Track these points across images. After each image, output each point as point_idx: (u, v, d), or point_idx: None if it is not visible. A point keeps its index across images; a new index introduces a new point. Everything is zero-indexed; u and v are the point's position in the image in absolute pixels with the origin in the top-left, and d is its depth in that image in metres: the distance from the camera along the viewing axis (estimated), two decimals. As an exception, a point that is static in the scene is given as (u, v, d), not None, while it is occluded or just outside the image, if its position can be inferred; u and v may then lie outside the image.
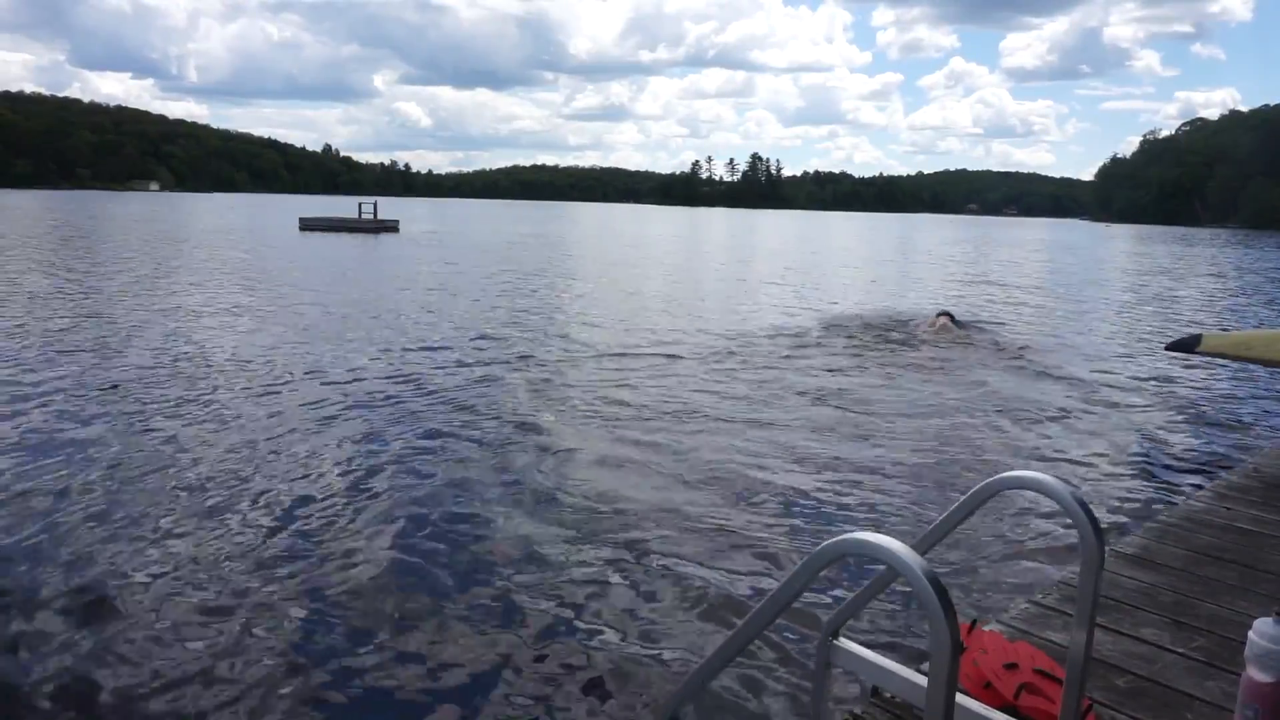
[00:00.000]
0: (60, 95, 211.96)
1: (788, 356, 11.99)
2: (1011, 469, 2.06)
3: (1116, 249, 57.00)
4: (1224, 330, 15.89)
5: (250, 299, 16.44)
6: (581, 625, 4.21)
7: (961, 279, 28.18)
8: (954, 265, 35.70)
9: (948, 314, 15.64)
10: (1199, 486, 6.03)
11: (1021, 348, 13.18)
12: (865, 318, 16.65)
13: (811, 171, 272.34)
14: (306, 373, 9.87)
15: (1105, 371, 11.60)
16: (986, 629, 3.10)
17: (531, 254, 33.84)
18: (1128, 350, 13.54)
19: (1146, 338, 14.96)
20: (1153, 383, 10.91)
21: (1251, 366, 10.33)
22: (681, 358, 11.63)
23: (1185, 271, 34.48)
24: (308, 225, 44.23)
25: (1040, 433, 8.17)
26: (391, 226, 45.37)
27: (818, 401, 9.14)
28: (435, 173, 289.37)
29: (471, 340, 12.48)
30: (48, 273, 19.97)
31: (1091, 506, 1.85)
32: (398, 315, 14.88)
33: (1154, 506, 5.99)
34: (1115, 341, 14.49)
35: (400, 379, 9.67)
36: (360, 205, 46.99)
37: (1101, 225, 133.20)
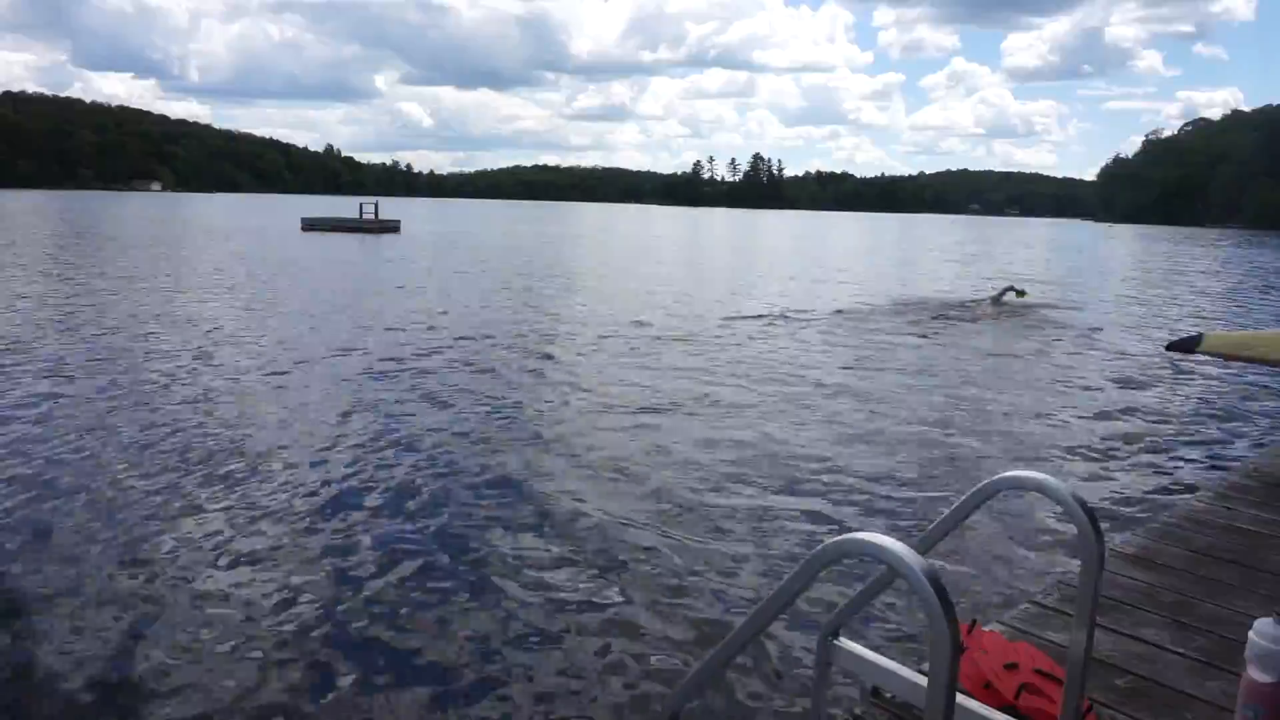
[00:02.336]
0: (62, 95, 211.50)
1: (808, 344, 12.03)
2: (1012, 469, 2.06)
3: (1119, 249, 56.98)
4: (1225, 330, 15.88)
5: (259, 297, 16.46)
6: (579, 626, 4.21)
7: (984, 276, 28.26)
8: (977, 263, 35.77)
9: (1013, 288, 18.68)
10: (1199, 486, 6.03)
11: (1026, 343, 13.21)
12: (897, 306, 16.79)
13: (813, 171, 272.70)
14: (316, 366, 9.89)
15: (1105, 371, 11.60)
16: (986, 629, 3.10)
17: (558, 253, 33.85)
18: (1128, 350, 13.53)
19: (1147, 337, 14.95)
20: (1153, 382, 10.91)
21: (1251, 366, 10.32)
22: (709, 347, 11.66)
23: (1187, 271, 34.47)
24: (310, 225, 44.52)
25: (1041, 432, 8.17)
26: (393, 227, 45.80)
27: (832, 396, 9.16)
28: (437, 173, 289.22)
29: (505, 333, 12.51)
30: (60, 271, 19.99)
31: (1091, 506, 1.85)
32: (414, 311, 14.90)
33: (1154, 506, 5.99)
34: (1115, 341, 14.48)
35: (416, 370, 9.70)
36: (361, 206, 47.23)
37: (1104, 225, 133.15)
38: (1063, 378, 11.03)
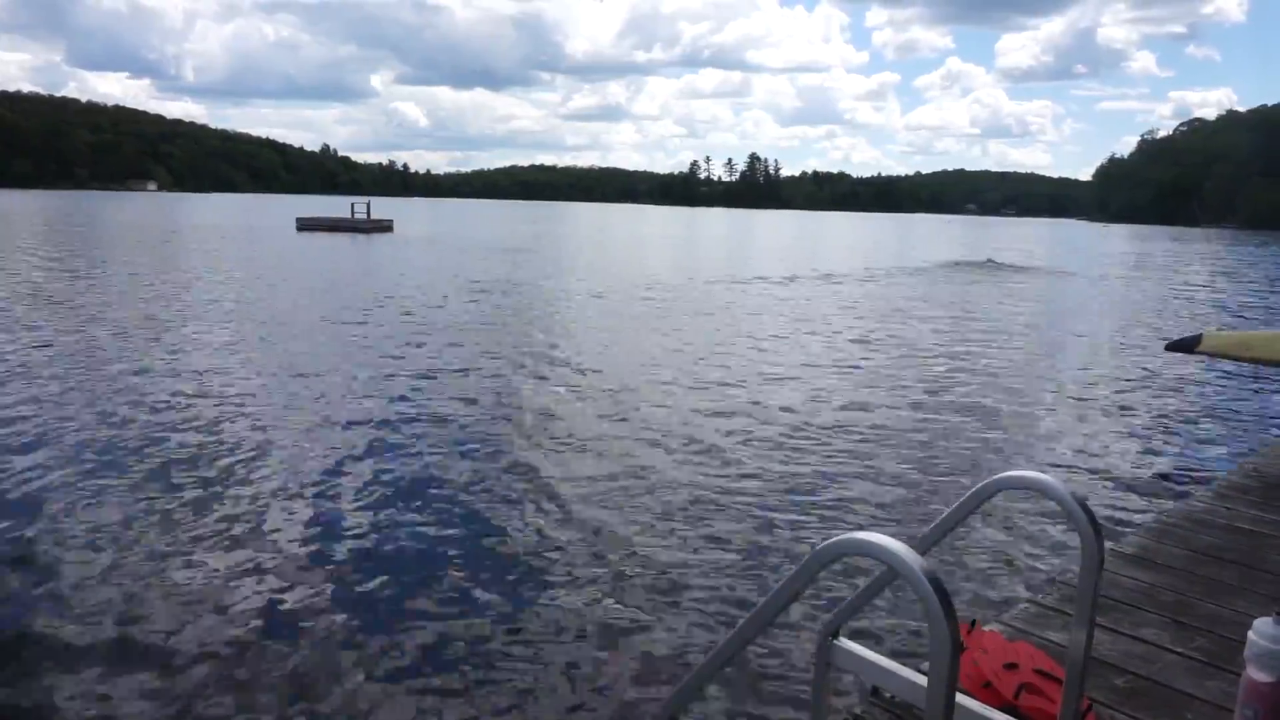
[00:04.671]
0: (58, 95, 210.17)
1: (807, 340, 12.03)
2: (1011, 469, 2.06)
3: (1117, 248, 56.95)
4: (1224, 330, 15.89)
5: (257, 294, 16.47)
6: (579, 626, 4.21)
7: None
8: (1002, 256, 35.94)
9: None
10: (1199, 486, 6.03)
11: (1025, 343, 13.22)
12: (896, 298, 16.80)
13: (810, 171, 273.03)
14: (310, 365, 9.89)
15: (1105, 371, 11.60)
16: (986, 629, 3.10)
17: (548, 251, 33.91)
18: (1128, 349, 13.54)
19: (1146, 337, 14.96)
20: (1153, 382, 10.92)
21: (1251, 366, 10.33)
22: (705, 342, 11.66)
23: (1186, 270, 34.49)
24: (305, 225, 45.16)
25: (1041, 432, 8.18)
26: (387, 226, 46.87)
27: (831, 396, 9.15)
28: (434, 173, 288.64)
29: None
30: (50, 271, 19.99)
31: (1091, 506, 1.85)
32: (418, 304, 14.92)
33: (1154, 506, 6.00)
34: (1115, 341, 14.50)
35: (404, 360, 9.70)
36: (353, 205, 48.37)
37: (1099, 225, 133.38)
38: (1063, 377, 11.04)
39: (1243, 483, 5.15)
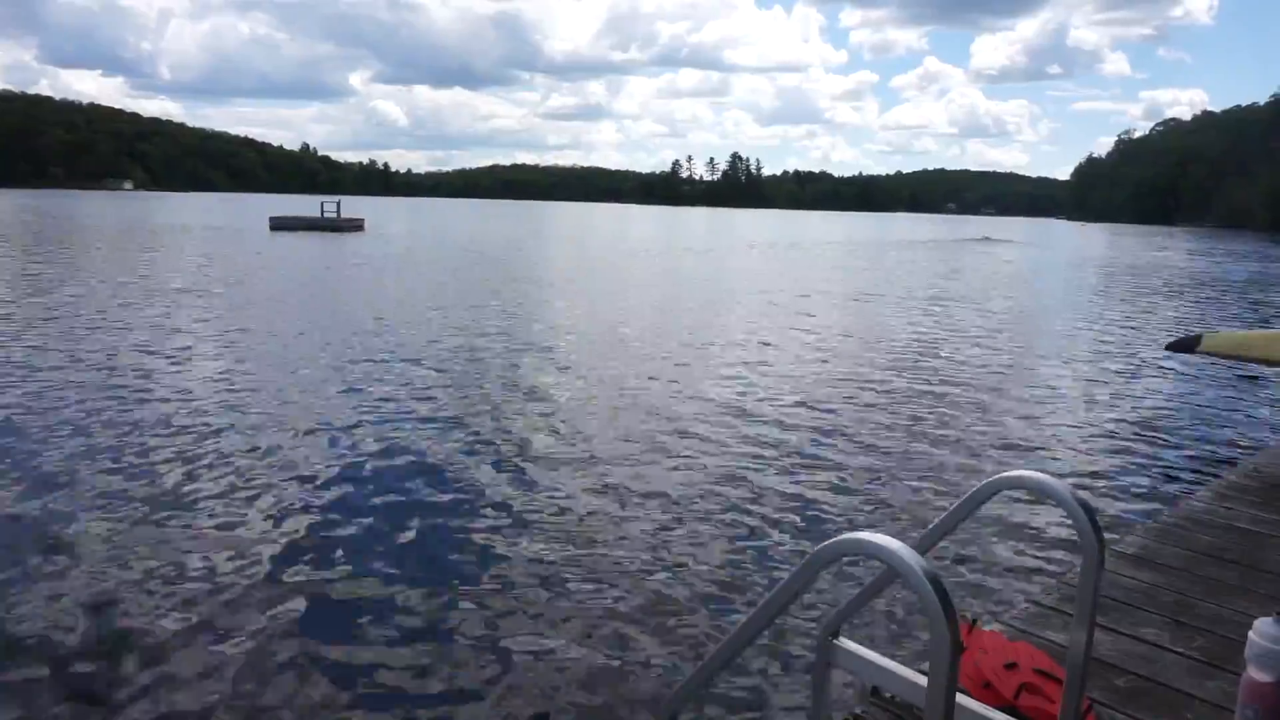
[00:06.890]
0: (30, 93, 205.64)
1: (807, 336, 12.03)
2: (1011, 469, 2.06)
3: (1106, 247, 56.97)
4: (1224, 330, 15.89)
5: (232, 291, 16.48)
6: (580, 627, 4.21)
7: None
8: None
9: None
10: (1199, 486, 6.03)
11: (1024, 342, 13.21)
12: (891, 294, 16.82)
13: (791, 171, 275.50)
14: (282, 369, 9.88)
15: (1105, 371, 11.60)
16: (986, 629, 3.10)
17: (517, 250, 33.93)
18: (1127, 350, 13.54)
19: (1146, 337, 14.96)
20: (1152, 383, 10.92)
21: (1251, 366, 10.33)
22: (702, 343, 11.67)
23: (1181, 271, 34.48)
24: (279, 225, 46.12)
25: (1040, 432, 8.17)
26: (358, 225, 48.22)
27: (830, 394, 9.15)
28: (414, 172, 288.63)
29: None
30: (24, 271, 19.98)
31: (1091, 506, 1.85)
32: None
33: (1154, 506, 6.00)
34: (1115, 341, 14.49)
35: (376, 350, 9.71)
36: (322, 204, 49.42)
37: (1077, 225, 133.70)
38: (1063, 378, 11.03)
39: (1243, 483, 5.15)
